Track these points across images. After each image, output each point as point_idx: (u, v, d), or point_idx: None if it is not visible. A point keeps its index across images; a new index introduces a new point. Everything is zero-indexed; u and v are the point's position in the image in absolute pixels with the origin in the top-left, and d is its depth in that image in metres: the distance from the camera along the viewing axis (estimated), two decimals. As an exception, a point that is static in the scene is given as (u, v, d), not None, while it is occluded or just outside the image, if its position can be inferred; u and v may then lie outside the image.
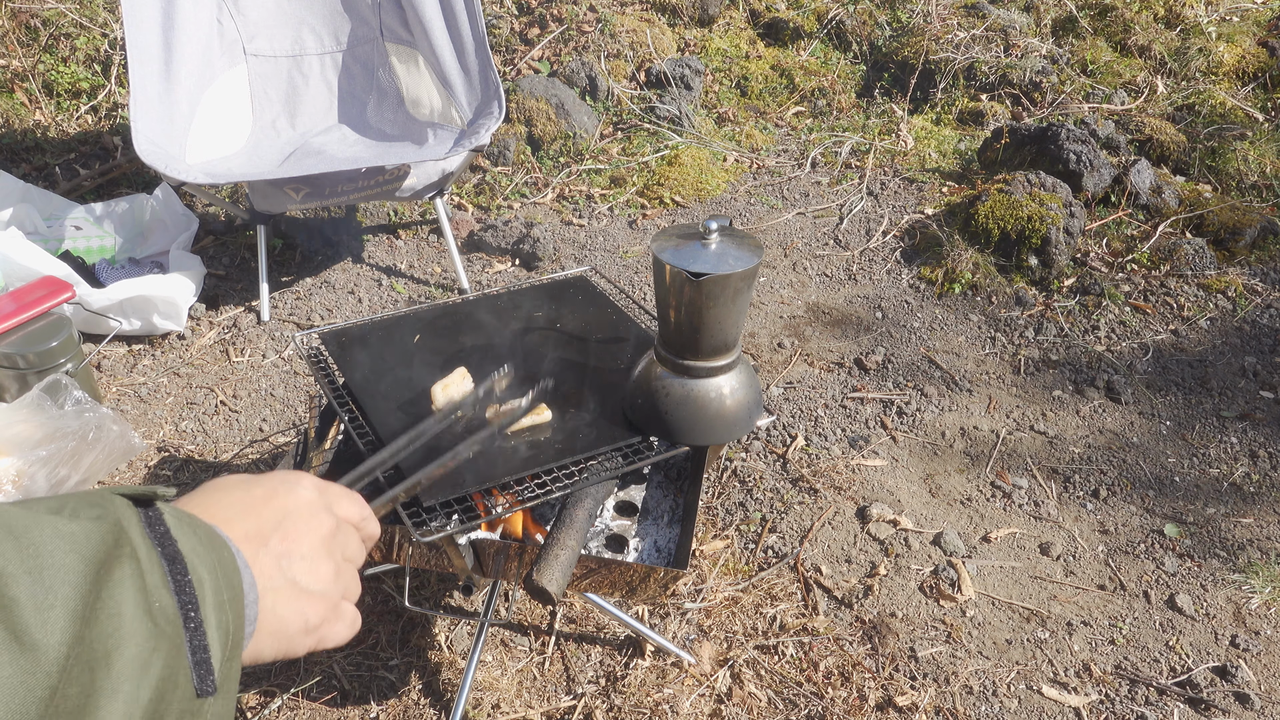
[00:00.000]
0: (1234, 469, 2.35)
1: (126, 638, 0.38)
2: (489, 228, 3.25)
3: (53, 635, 0.36)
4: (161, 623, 0.41)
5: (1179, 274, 3.13)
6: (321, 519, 0.60)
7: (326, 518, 0.60)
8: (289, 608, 0.55)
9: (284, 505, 0.58)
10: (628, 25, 4.35)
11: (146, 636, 0.40)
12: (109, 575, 0.39)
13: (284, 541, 0.56)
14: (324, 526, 0.59)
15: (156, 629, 0.40)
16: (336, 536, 0.61)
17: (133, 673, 0.38)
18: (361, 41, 3.07)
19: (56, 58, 3.73)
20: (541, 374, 1.46)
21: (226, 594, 0.47)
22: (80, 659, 0.36)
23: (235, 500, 0.56)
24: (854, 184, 3.76)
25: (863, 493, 2.23)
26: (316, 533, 0.59)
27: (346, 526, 0.63)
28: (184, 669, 0.42)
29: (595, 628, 1.85)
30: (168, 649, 0.41)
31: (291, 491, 0.59)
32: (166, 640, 0.41)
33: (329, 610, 0.59)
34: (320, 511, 0.60)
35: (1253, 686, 1.78)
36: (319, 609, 0.57)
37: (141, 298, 2.54)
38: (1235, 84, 4.37)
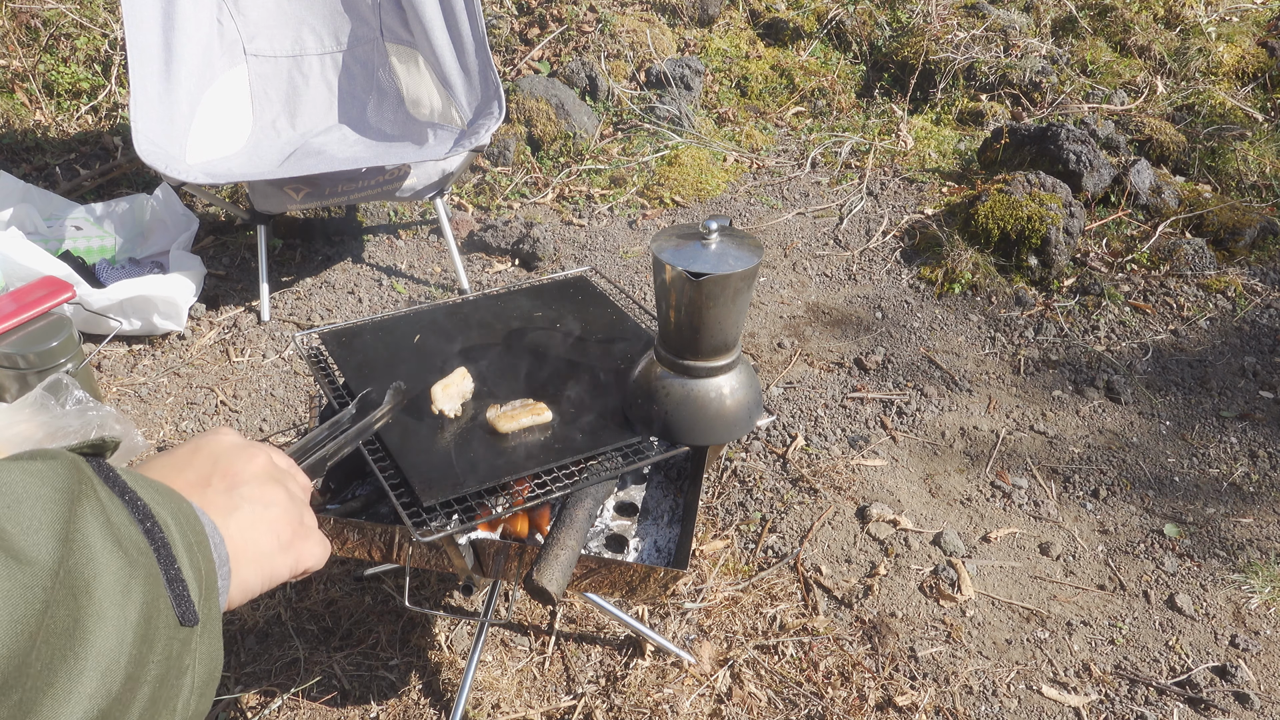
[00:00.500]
0: (1234, 469, 2.35)
1: (102, 568, 0.39)
2: (489, 228, 3.26)
3: (42, 552, 0.37)
4: (134, 554, 0.42)
5: (1179, 274, 3.13)
6: (253, 453, 0.62)
7: (259, 453, 0.62)
8: (255, 528, 0.57)
9: (212, 451, 0.60)
10: (628, 25, 4.35)
11: (121, 566, 0.40)
12: (76, 509, 0.40)
13: (225, 477, 0.58)
14: (258, 459, 0.62)
15: (129, 559, 0.41)
16: (274, 467, 0.63)
17: (116, 598, 0.39)
18: (361, 41, 3.07)
19: (57, 58, 3.73)
20: (524, 373, 1.47)
21: (193, 538, 0.48)
22: (64, 585, 0.37)
23: (165, 463, 0.59)
24: (854, 184, 3.76)
25: (863, 493, 2.23)
26: (254, 462, 0.61)
27: (280, 466, 0.65)
28: (163, 598, 0.43)
29: (595, 628, 1.85)
30: (144, 577, 0.42)
31: (215, 439, 0.62)
32: (142, 570, 0.42)
33: (295, 525, 0.61)
34: (249, 447, 0.62)
35: (1252, 686, 1.78)
36: (285, 523, 0.60)
37: (142, 298, 2.54)
38: (1235, 84, 4.37)
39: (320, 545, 0.64)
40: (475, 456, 1.26)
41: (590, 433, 1.33)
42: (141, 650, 0.40)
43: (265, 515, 0.58)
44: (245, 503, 0.57)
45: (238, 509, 0.57)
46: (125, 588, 0.40)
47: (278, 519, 0.59)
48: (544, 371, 1.47)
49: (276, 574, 0.58)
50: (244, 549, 0.55)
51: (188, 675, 0.45)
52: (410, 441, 1.29)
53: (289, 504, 0.61)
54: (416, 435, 1.30)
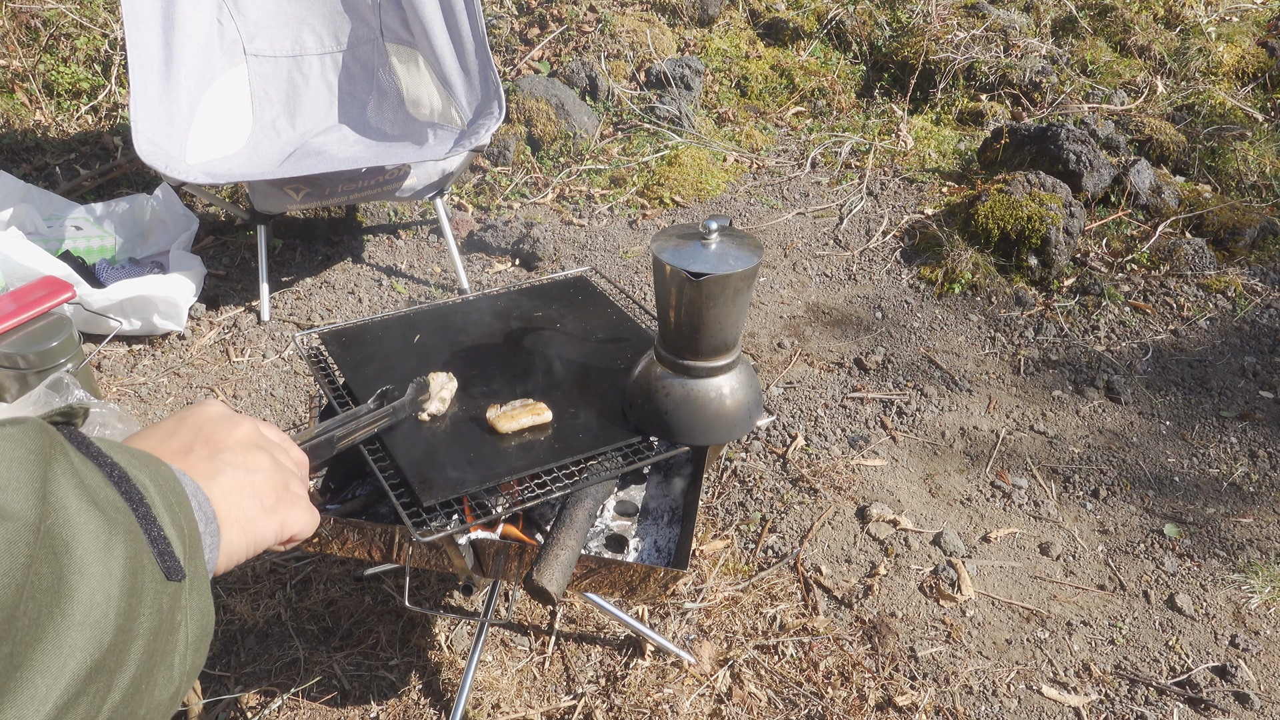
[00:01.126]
0: (1234, 469, 2.35)
1: (79, 527, 0.40)
2: (489, 228, 3.26)
3: (23, 508, 0.37)
4: (112, 513, 0.42)
5: (1179, 274, 3.13)
6: (238, 421, 0.62)
7: (244, 421, 0.62)
8: (238, 492, 0.57)
9: (196, 422, 0.60)
10: (628, 25, 4.35)
11: (99, 524, 0.41)
12: (49, 471, 0.40)
13: (208, 443, 0.59)
14: (243, 427, 0.62)
15: (108, 518, 0.41)
16: (260, 435, 0.63)
17: (97, 554, 0.40)
18: (361, 41, 3.07)
19: (57, 58, 3.73)
20: (529, 372, 1.47)
21: (173, 498, 0.48)
22: (45, 544, 0.38)
23: (150, 433, 0.59)
24: (854, 184, 3.76)
25: (863, 493, 2.23)
26: (238, 429, 0.61)
27: (268, 436, 0.65)
28: (146, 553, 0.43)
29: (595, 628, 1.85)
30: (125, 534, 0.42)
31: (199, 410, 0.62)
32: (121, 528, 0.42)
33: (280, 490, 0.61)
34: (233, 417, 0.62)
35: (1252, 686, 1.78)
36: (269, 489, 0.60)
37: (142, 298, 2.54)
38: (1235, 84, 4.37)
39: (307, 513, 0.63)
40: (475, 456, 1.26)
41: (590, 433, 1.33)
42: (130, 604, 0.40)
43: (248, 480, 0.58)
44: (227, 467, 0.57)
45: (220, 473, 0.57)
46: (106, 544, 0.40)
47: (261, 484, 0.59)
48: (544, 372, 1.47)
49: (261, 538, 0.58)
50: (227, 513, 0.55)
51: (180, 631, 0.45)
52: (410, 441, 1.29)
53: (273, 470, 0.61)
54: (416, 435, 1.30)
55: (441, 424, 1.32)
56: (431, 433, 1.31)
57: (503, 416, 1.31)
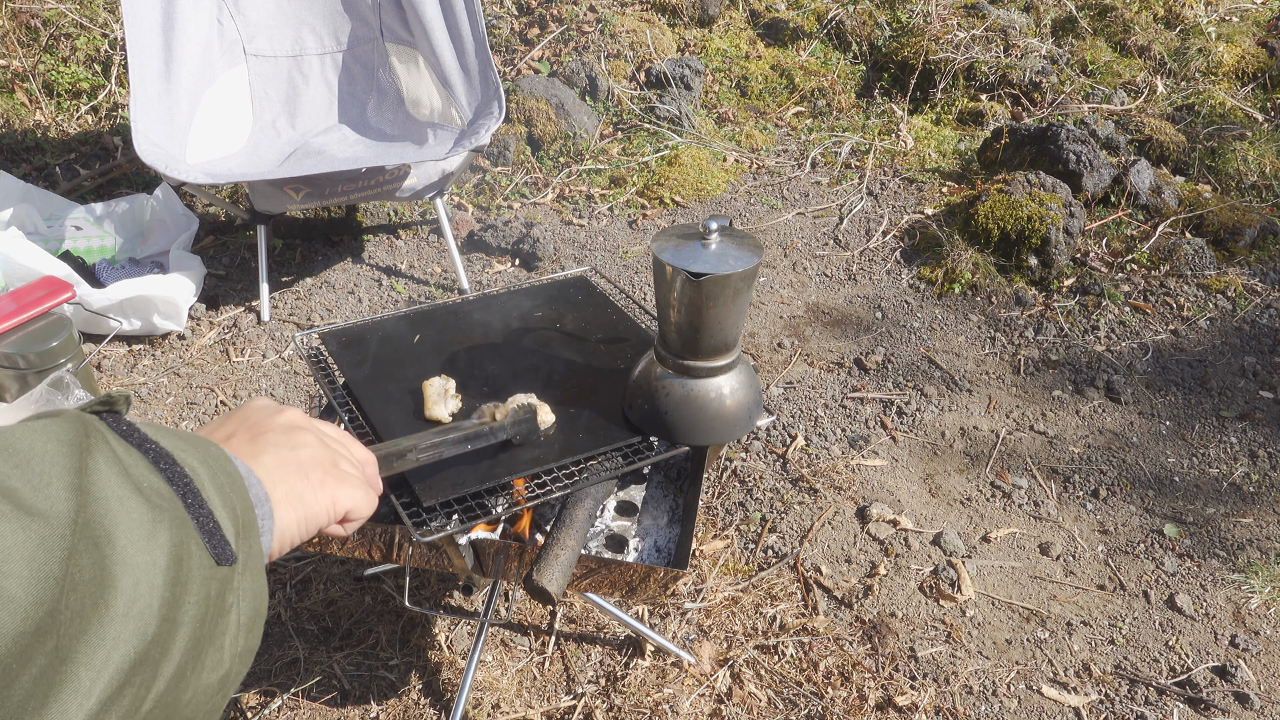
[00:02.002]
0: (1234, 469, 2.35)
1: (120, 516, 0.39)
2: (489, 228, 3.26)
3: (57, 505, 0.37)
4: (156, 500, 0.42)
5: (1179, 274, 3.13)
6: (281, 409, 0.62)
7: (290, 410, 0.62)
8: (282, 469, 0.56)
9: (242, 414, 0.61)
10: (628, 25, 4.35)
11: (144, 513, 0.40)
12: (87, 462, 0.40)
13: (250, 429, 0.58)
14: (286, 413, 0.62)
15: (152, 506, 0.41)
16: (305, 418, 0.62)
17: (140, 544, 0.39)
18: (361, 41, 3.07)
19: (57, 58, 3.73)
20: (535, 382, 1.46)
21: (225, 479, 0.48)
22: (85, 535, 0.37)
23: (201, 428, 0.59)
24: (854, 184, 3.76)
25: (863, 493, 2.23)
26: (281, 415, 0.61)
27: (315, 422, 0.64)
28: (194, 540, 0.43)
29: (595, 628, 1.85)
30: (170, 520, 0.41)
31: (247, 405, 0.62)
32: (167, 514, 0.41)
33: (328, 466, 0.60)
34: (278, 406, 0.62)
35: (1252, 686, 1.78)
36: (314, 464, 0.59)
37: (141, 298, 2.54)
38: (1235, 84, 4.37)
39: (361, 490, 0.62)
40: (475, 456, 1.26)
41: (590, 433, 1.33)
42: (174, 592, 0.40)
43: (291, 456, 0.58)
44: (270, 446, 0.57)
45: (261, 453, 0.56)
46: (150, 533, 0.40)
47: (306, 459, 0.58)
48: (544, 372, 1.47)
49: (312, 514, 0.57)
50: (273, 489, 0.55)
51: (232, 614, 0.45)
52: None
53: (319, 447, 0.60)
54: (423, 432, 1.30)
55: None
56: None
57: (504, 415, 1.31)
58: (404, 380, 1.43)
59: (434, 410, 1.32)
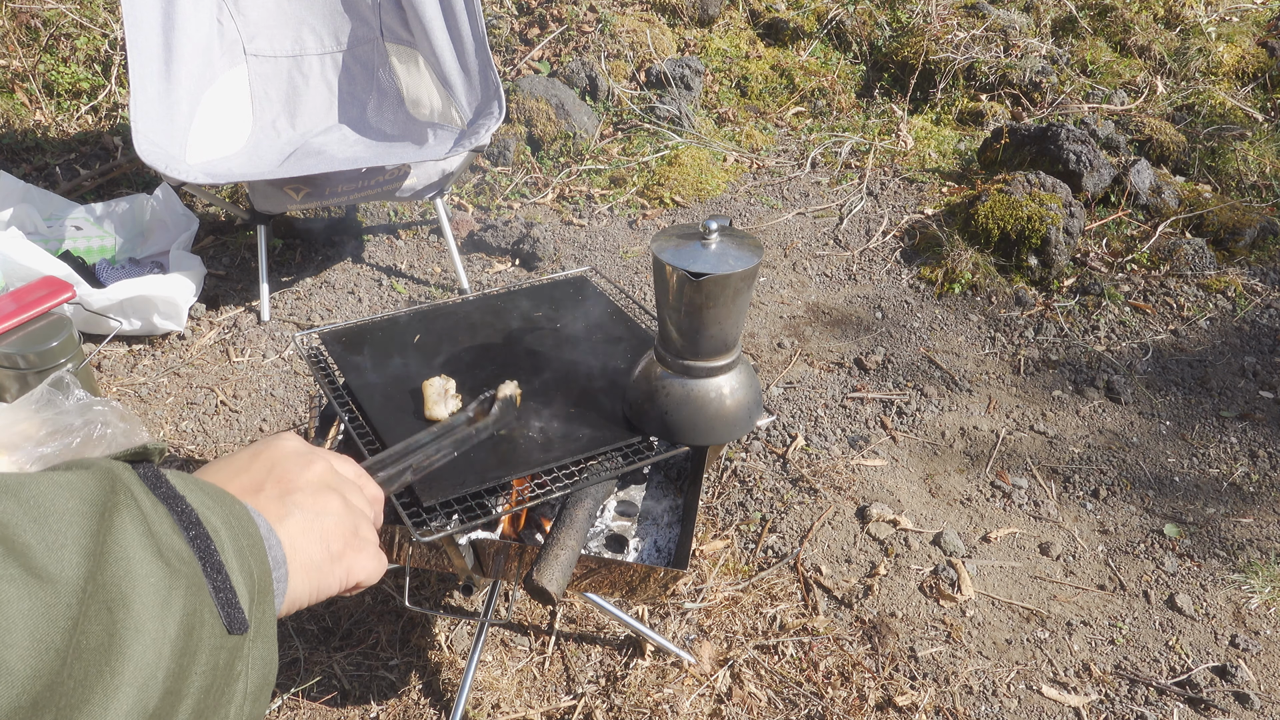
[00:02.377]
0: (1234, 469, 2.35)
1: (140, 579, 0.38)
2: (489, 228, 3.26)
3: (68, 569, 0.36)
4: (176, 564, 0.41)
5: (1179, 274, 3.13)
6: (311, 460, 0.60)
7: (317, 460, 0.61)
8: (305, 536, 0.55)
9: (271, 457, 0.59)
10: (628, 25, 4.35)
11: (161, 577, 0.39)
12: (111, 520, 0.39)
13: (279, 483, 0.57)
14: (316, 466, 0.60)
15: (171, 570, 0.40)
16: (333, 475, 0.61)
17: (154, 610, 0.38)
18: (361, 41, 3.07)
19: (57, 58, 3.73)
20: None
21: (245, 542, 0.47)
22: (98, 599, 0.36)
23: (223, 466, 0.58)
24: (854, 184, 3.76)
25: (863, 493, 2.23)
26: (310, 469, 0.59)
27: (341, 474, 0.63)
28: (209, 607, 0.42)
29: (595, 628, 1.85)
30: (186, 588, 0.40)
31: (276, 445, 0.60)
32: (184, 580, 0.41)
33: (349, 535, 0.59)
34: (308, 454, 0.61)
35: (1252, 686, 1.78)
36: (337, 534, 0.58)
37: (142, 298, 2.54)
38: (1235, 84, 4.37)
39: (375, 560, 0.61)
40: (475, 456, 1.26)
41: (590, 433, 1.33)
42: (182, 663, 0.39)
43: (317, 524, 0.56)
44: (297, 509, 0.56)
45: (289, 515, 0.55)
46: (165, 599, 0.39)
47: (330, 529, 0.57)
48: (544, 371, 1.47)
49: (325, 586, 0.56)
50: (293, 557, 0.54)
51: (239, 682, 0.44)
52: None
53: (344, 513, 0.59)
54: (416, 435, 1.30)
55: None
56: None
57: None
58: (404, 380, 1.43)
59: (434, 410, 1.32)
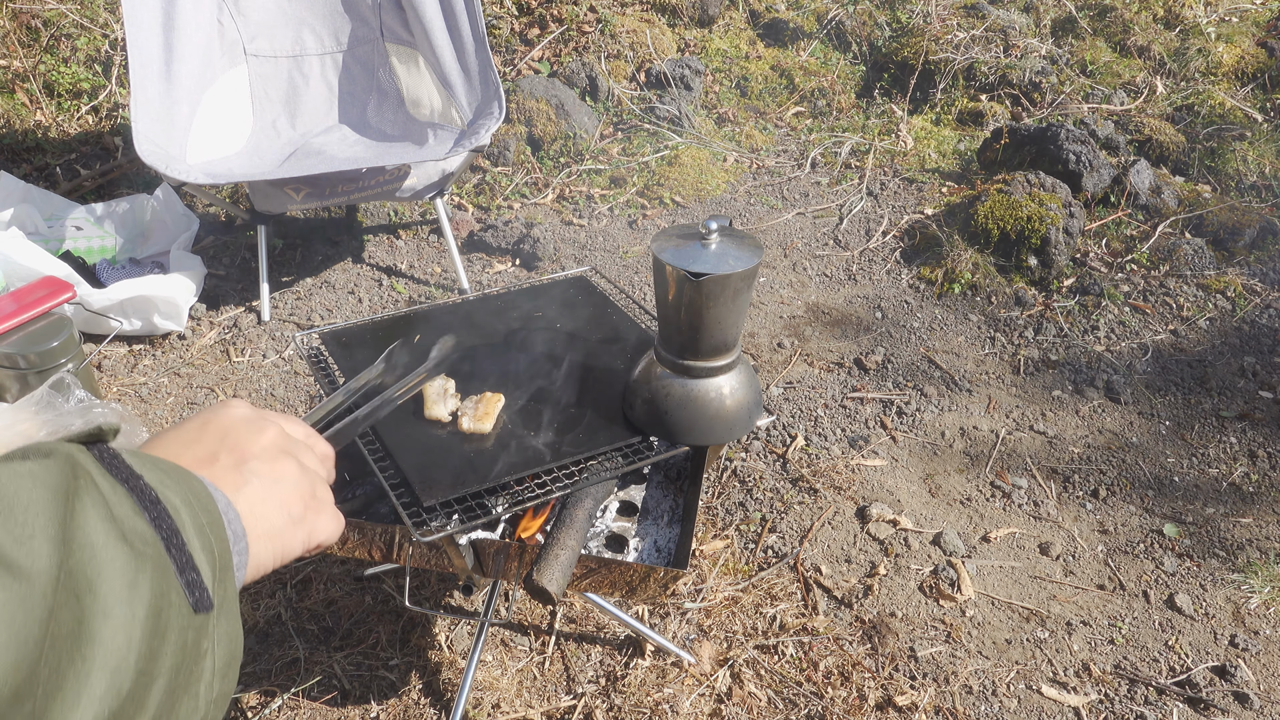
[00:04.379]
0: (1233, 469, 2.35)
1: (105, 564, 0.38)
2: (489, 228, 3.26)
3: (39, 561, 0.36)
4: (140, 546, 0.41)
5: (1178, 274, 3.13)
6: (262, 425, 0.61)
7: (268, 425, 0.61)
8: (266, 504, 0.56)
9: (221, 425, 0.59)
10: (628, 26, 4.35)
11: (127, 560, 0.39)
12: (74, 507, 0.39)
13: (233, 452, 0.57)
14: (268, 432, 0.61)
15: (136, 553, 0.40)
16: (286, 439, 0.62)
17: (122, 594, 0.38)
18: (362, 42, 3.07)
19: (57, 58, 3.73)
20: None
21: (205, 519, 0.47)
22: (66, 588, 0.36)
23: (173, 437, 0.58)
24: (854, 184, 3.76)
25: (863, 493, 2.23)
26: (263, 435, 0.60)
27: (293, 437, 0.64)
28: (175, 588, 0.42)
29: (595, 628, 1.85)
30: (153, 570, 0.41)
31: (225, 412, 0.61)
32: (149, 562, 0.41)
33: (307, 498, 0.60)
34: (258, 420, 0.61)
35: (1252, 686, 1.78)
36: (295, 498, 0.59)
37: (142, 298, 2.54)
38: (1234, 84, 4.38)
39: (333, 519, 0.63)
40: (475, 456, 1.27)
41: (590, 433, 1.33)
42: (152, 645, 0.39)
43: (275, 490, 0.57)
44: (254, 478, 0.56)
45: (246, 484, 0.56)
46: (132, 582, 0.39)
47: (288, 493, 0.58)
48: (544, 371, 1.47)
49: (289, 549, 0.57)
50: (254, 526, 0.54)
51: (207, 659, 0.44)
52: (410, 441, 1.29)
53: (300, 477, 0.60)
54: (416, 435, 1.30)
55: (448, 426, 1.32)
56: (431, 433, 1.31)
57: (479, 418, 1.31)
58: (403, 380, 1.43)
59: (433, 410, 1.32)
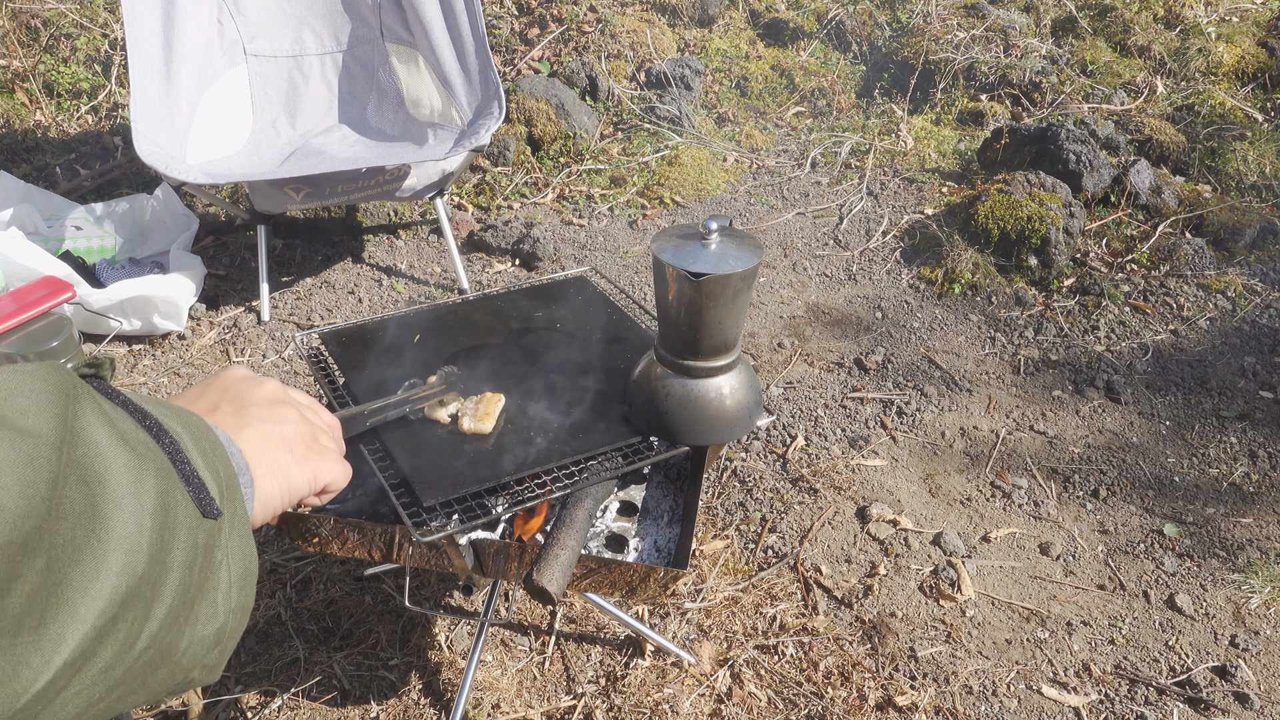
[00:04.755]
0: (1233, 469, 2.35)
1: (111, 460, 0.40)
2: (489, 228, 3.26)
3: (44, 427, 0.38)
4: (142, 450, 0.43)
5: (1178, 274, 3.13)
6: (262, 380, 0.63)
7: (269, 380, 0.64)
8: (267, 443, 0.58)
9: (223, 384, 0.62)
10: (628, 25, 4.35)
11: (130, 459, 0.41)
12: (75, 409, 0.40)
13: (234, 401, 0.60)
14: (268, 384, 0.63)
15: (138, 455, 0.42)
16: (285, 392, 0.64)
17: (129, 487, 0.40)
18: (362, 42, 3.07)
19: (57, 58, 3.73)
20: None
21: (207, 444, 0.48)
22: (74, 471, 0.38)
23: (180, 398, 0.60)
24: (854, 184, 3.76)
25: (863, 493, 2.23)
26: (263, 387, 0.62)
27: (295, 396, 0.66)
28: (179, 489, 0.44)
29: (595, 628, 1.85)
30: (155, 470, 0.42)
31: (226, 373, 0.63)
32: (152, 464, 0.42)
33: (309, 441, 0.62)
34: (259, 378, 0.64)
35: (1252, 686, 1.78)
36: (297, 439, 0.61)
37: (142, 298, 2.54)
38: (1235, 84, 4.37)
39: (339, 464, 0.64)
40: (475, 456, 1.26)
41: (590, 433, 1.33)
42: (163, 535, 0.41)
43: (276, 431, 0.59)
44: (254, 420, 0.58)
45: (246, 426, 0.57)
46: (137, 478, 0.41)
47: (289, 435, 0.60)
48: (544, 371, 1.47)
49: (294, 487, 0.59)
50: (258, 462, 0.56)
51: (222, 569, 0.46)
52: (410, 441, 1.29)
53: (300, 422, 0.62)
54: (416, 435, 1.30)
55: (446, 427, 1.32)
56: (431, 433, 1.31)
57: (479, 418, 1.31)
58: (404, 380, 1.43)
59: (434, 412, 1.32)
